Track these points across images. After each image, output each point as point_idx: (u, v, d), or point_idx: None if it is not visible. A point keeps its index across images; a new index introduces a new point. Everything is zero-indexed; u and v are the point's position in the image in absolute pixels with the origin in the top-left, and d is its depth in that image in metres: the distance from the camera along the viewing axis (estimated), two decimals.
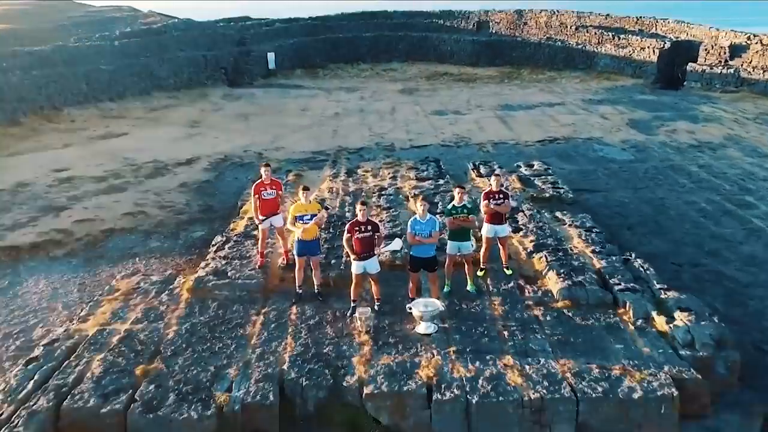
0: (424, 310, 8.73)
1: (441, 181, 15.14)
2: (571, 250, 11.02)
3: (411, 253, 9.14)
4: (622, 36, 38.41)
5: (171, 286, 10.36)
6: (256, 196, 10.34)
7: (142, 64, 31.32)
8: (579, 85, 34.53)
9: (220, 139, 22.27)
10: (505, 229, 10.38)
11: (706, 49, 34.17)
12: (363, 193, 14.25)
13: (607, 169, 18.57)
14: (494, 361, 8.04)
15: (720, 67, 32.64)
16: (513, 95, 31.68)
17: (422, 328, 8.76)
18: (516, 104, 29.05)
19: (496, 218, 10.18)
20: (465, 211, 9.59)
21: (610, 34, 39.03)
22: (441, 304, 8.88)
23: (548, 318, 9.12)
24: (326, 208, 9.12)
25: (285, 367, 8.02)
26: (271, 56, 38.06)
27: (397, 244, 9.19)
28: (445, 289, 9.87)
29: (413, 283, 9.30)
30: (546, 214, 12.91)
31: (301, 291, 9.79)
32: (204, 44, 36.38)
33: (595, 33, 39.89)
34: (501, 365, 7.95)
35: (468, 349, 8.31)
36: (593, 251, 10.96)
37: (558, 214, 12.89)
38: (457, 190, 9.65)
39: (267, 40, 40.14)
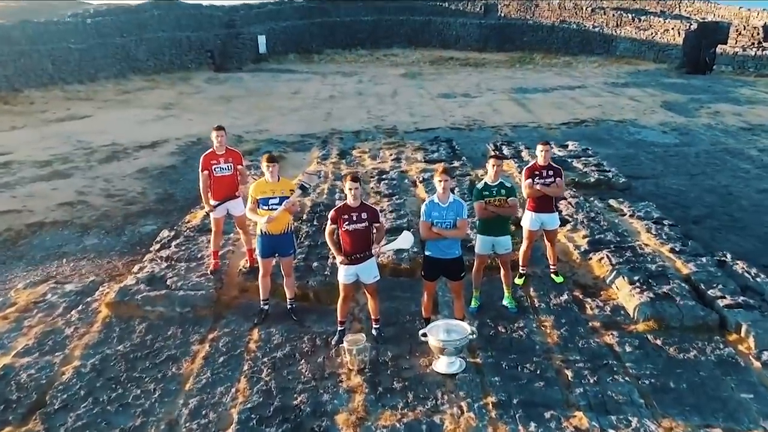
0: (446, 338, 5.79)
1: (456, 163, 12.16)
2: (641, 248, 8.07)
3: (426, 252, 6.20)
4: (642, 18, 35.43)
5: (88, 299, 7.43)
6: (206, 172, 7.39)
7: (117, 45, 28.34)
8: (597, 70, 31.56)
9: (195, 121, 19.30)
10: (554, 220, 7.44)
11: (737, 30, 31.20)
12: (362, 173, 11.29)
13: (650, 153, 15.64)
14: (558, 422, 5.14)
15: (754, 49, 29.67)
16: (527, 79, 28.72)
17: (443, 365, 5.85)
18: (531, 87, 26.09)
19: (542, 204, 7.26)
20: (503, 191, 6.64)
21: (629, 15, 36.04)
22: (470, 329, 5.92)
23: (627, 348, 6.19)
24: (304, 187, 6.06)
25: (231, 431, 5.13)
26: (261, 39, 35.05)
27: (404, 239, 6.23)
28: (473, 305, 6.93)
29: (428, 296, 6.35)
30: (596, 202, 9.95)
31: (266, 307, 6.89)
32: (188, 25, 33.39)
33: (614, 15, 36.90)
34: (570, 428, 5.05)
35: (515, 401, 5.41)
36: (672, 250, 8.02)
37: (612, 202, 9.94)
38: (492, 161, 6.69)
39: (257, 23, 37.13)
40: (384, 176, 11.41)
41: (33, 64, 24.47)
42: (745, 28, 31.16)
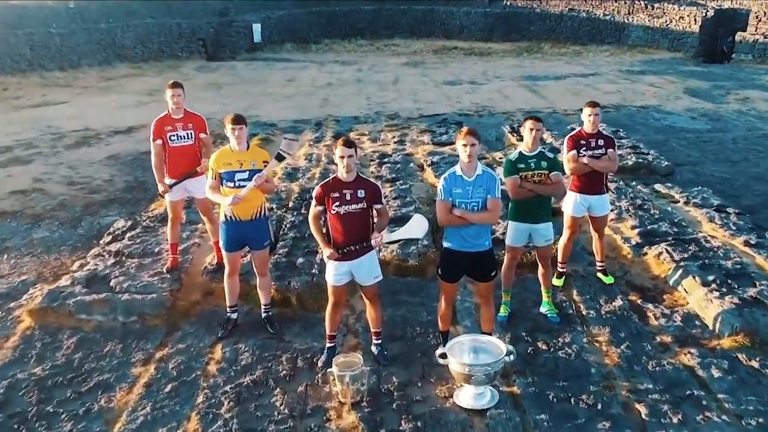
0: (474, 361, 4.22)
1: None
2: (707, 241, 6.47)
3: (445, 243, 4.61)
4: (656, 5, 33.77)
5: (11, 305, 5.85)
6: (158, 141, 5.80)
7: (102, 31, 26.75)
8: (610, 59, 29.94)
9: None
10: (604, 204, 5.86)
11: (757, 17, 29.55)
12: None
13: (682, 139, 14.06)
14: None
15: None
16: (536, 67, 27.11)
17: (468, 397, 4.27)
18: (541, 75, 24.49)
19: (590, 183, 5.69)
20: (544, 164, 5.06)
21: (642, 2, 34.36)
22: (506, 347, 4.33)
23: (715, 372, 4.60)
24: (281, 156, 4.41)
25: None
26: (256, 28, 33.42)
27: (415, 226, 4.63)
28: (501, 312, 5.35)
29: (446, 302, 4.75)
30: (639, 187, 8.37)
31: (235, 316, 5.31)
32: (179, 12, 31.78)
33: (625, 2, 35.22)
34: None
35: None
36: (746, 243, 6.43)
37: (659, 187, 8.36)
38: (530, 123, 5.11)
39: (252, 11, 35.51)
40: (386, 159, 9.80)
41: (10, 49, 22.91)
42: (765, 15, 29.50)
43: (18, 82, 21.62)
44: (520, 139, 11.16)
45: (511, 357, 4.29)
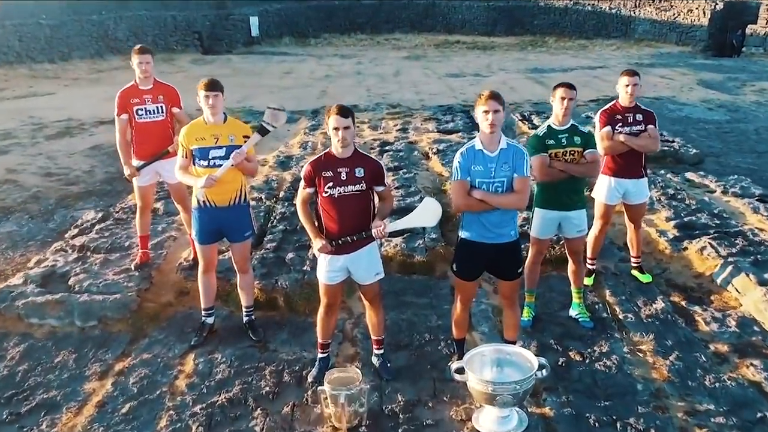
0: (499, 378, 3.43)
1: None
2: (755, 234, 5.66)
3: (462, 233, 3.80)
4: None
5: None
6: (124, 116, 5.01)
7: (94, 23, 25.93)
8: (616, 53, 29.16)
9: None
10: (642, 189, 5.06)
11: None
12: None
13: (701, 129, 13.28)
14: None
15: None
16: (541, 61, 26.33)
17: (491, 420, 3.48)
18: (547, 68, 23.69)
19: (626, 165, 4.91)
20: (577, 140, 4.27)
21: None
22: (537, 361, 3.52)
23: None
24: (265, 130, 3.56)
25: None
26: (254, 21, 32.61)
27: (425, 213, 3.82)
28: (524, 316, 4.54)
29: (463, 305, 3.95)
30: (669, 176, 7.57)
31: (211, 320, 4.50)
32: (174, 4, 30.95)
33: None
34: None
35: None
36: None
37: (691, 175, 7.57)
38: (562, 90, 4.32)
39: (250, 4, 34.68)
40: (387, 148, 9.00)
41: None
42: None
43: (5, 74, 20.79)
44: (533, 127, 10.39)
45: (544, 372, 3.49)
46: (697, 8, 30.76)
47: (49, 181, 9.86)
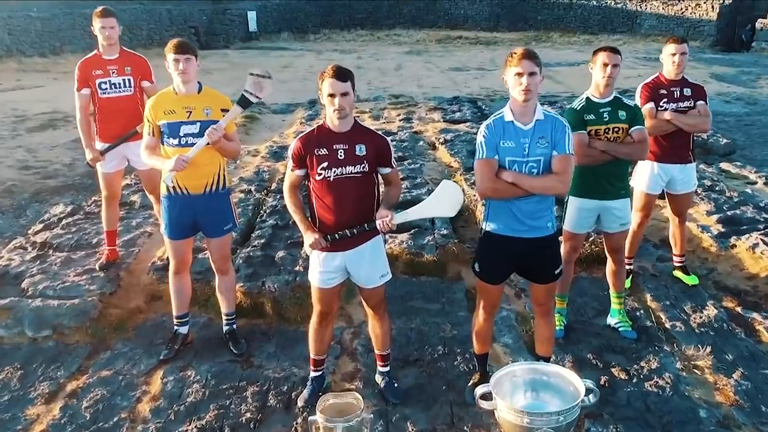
0: (534, 406, 2.70)
1: None
2: None
3: (485, 226, 3.09)
4: None
5: None
6: (85, 91, 4.31)
7: (86, 16, 25.06)
8: (623, 47, 28.23)
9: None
10: (690, 176, 4.35)
11: None
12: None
13: (721, 122, 12.59)
14: None
15: None
16: (546, 55, 25.52)
17: None
18: (553, 62, 23.03)
19: (672, 148, 4.21)
20: (622, 115, 3.58)
21: None
22: (584, 384, 2.79)
23: None
24: (247, 101, 2.81)
25: None
26: (251, 16, 31.93)
27: (442, 197, 3.10)
28: (556, 326, 3.82)
29: (486, 313, 3.23)
30: (702, 166, 6.88)
31: (185, 330, 3.81)
32: None
33: None
34: None
35: None
36: None
37: (726, 165, 6.88)
38: (605, 55, 3.64)
39: None
40: (390, 137, 8.29)
41: None
42: None
43: None
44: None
45: (592, 398, 2.78)
46: (705, 3, 30.10)
47: (26, 175, 9.18)
